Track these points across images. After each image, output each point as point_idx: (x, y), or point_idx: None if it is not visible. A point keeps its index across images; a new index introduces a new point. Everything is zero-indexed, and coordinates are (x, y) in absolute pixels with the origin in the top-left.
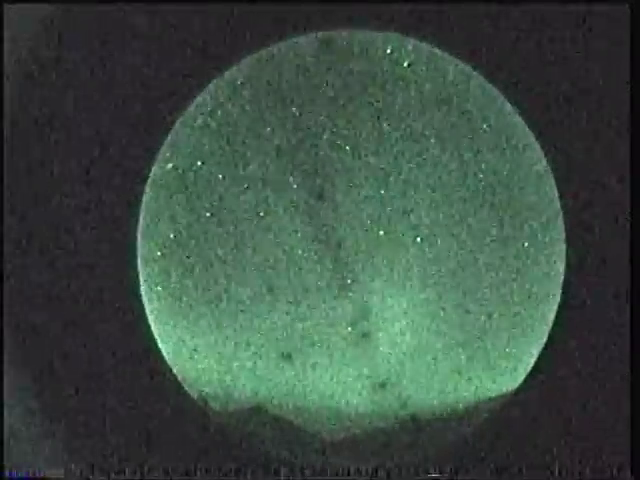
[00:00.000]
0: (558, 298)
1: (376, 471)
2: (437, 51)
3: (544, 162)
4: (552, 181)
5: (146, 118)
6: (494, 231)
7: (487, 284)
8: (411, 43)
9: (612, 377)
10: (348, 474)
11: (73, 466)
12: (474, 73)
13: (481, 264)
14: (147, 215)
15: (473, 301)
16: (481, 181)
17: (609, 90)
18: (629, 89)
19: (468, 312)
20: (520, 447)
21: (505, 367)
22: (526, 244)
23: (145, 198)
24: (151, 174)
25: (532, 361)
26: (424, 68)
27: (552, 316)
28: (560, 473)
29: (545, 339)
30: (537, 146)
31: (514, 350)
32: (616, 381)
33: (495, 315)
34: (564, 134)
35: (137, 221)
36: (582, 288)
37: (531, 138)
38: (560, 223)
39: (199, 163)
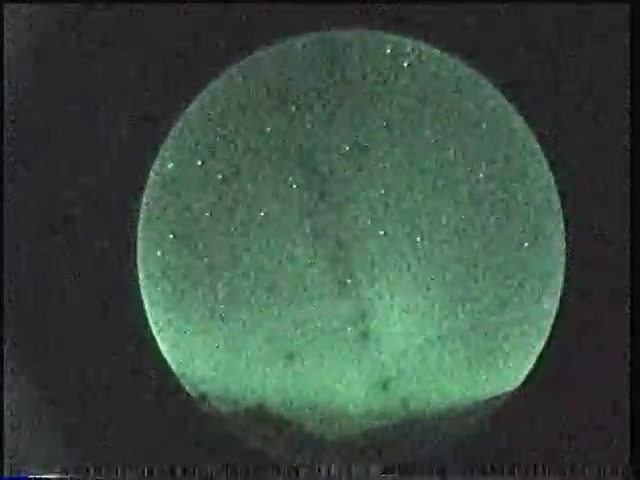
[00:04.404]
0: (559, 298)
1: (376, 471)
2: (437, 51)
3: (544, 162)
4: (552, 180)
5: (146, 118)
6: (494, 231)
7: (487, 284)
8: (411, 43)
9: (612, 376)
10: (348, 474)
11: (73, 466)
12: (474, 73)
13: (481, 264)
14: (147, 215)
15: (473, 301)
16: (481, 181)
17: (609, 89)
18: (629, 88)
19: (468, 312)
20: (520, 446)
21: (505, 366)
22: (526, 244)
23: (145, 198)
24: (151, 174)
25: (533, 361)
26: (424, 68)
27: (553, 316)
28: (560, 472)
29: (546, 339)
30: (537, 146)
31: (515, 349)
32: (616, 380)
33: (495, 315)
34: (564, 133)
35: (138, 221)
36: (583, 288)
37: (531, 137)
38: (560, 222)
39: (199, 163)
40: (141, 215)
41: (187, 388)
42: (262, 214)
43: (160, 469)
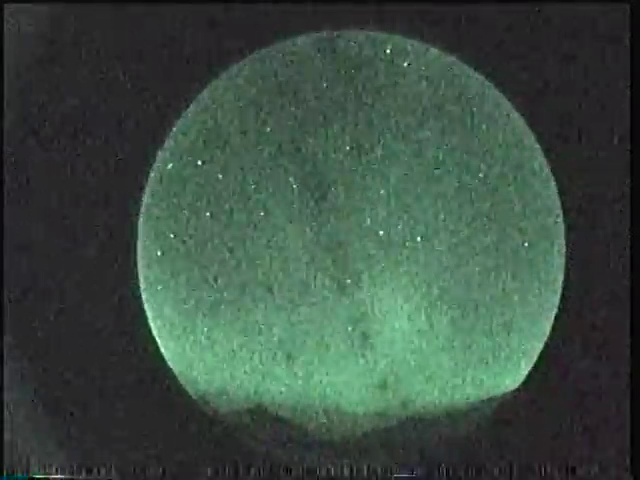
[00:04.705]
0: (559, 297)
1: (376, 471)
2: (437, 51)
3: (544, 162)
4: (552, 181)
5: (146, 118)
6: (494, 231)
7: (487, 284)
8: (411, 43)
9: (612, 376)
10: (349, 474)
11: (72, 466)
12: (474, 73)
13: (481, 264)
14: (147, 215)
15: (473, 301)
16: (481, 181)
17: (609, 89)
18: (629, 89)
19: (468, 312)
20: (520, 446)
21: (506, 366)
22: (526, 244)
23: (145, 198)
24: (151, 174)
25: (533, 360)
26: (424, 68)
27: (553, 316)
28: (560, 472)
29: (546, 338)
30: (537, 146)
31: (515, 349)
32: (616, 380)
33: (495, 314)
34: (564, 133)
35: (137, 221)
36: (583, 288)
37: (531, 138)
38: (561, 222)
39: (199, 163)
40: (141, 215)
41: (187, 389)
42: (262, 214)
43: (159, 470)
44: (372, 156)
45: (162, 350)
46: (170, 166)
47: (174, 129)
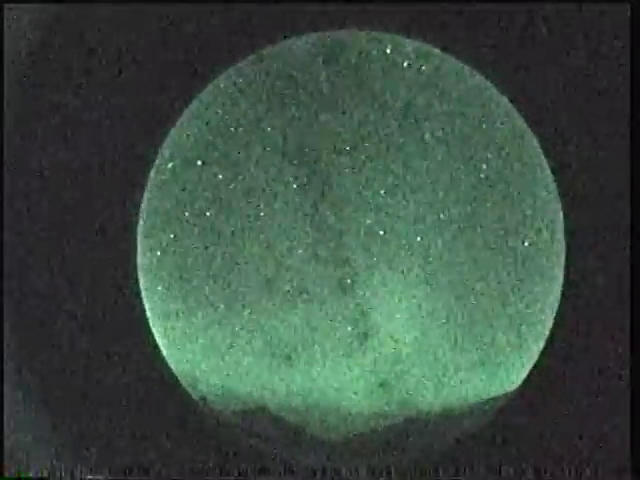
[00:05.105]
0: (559, 296)
1: (376, 471)
2: (437, 51)
3: (544, 162)
4: (552, 180)
5: (146, 118)
6: (494, 230)
7: (488, 283)
8: (411, 43)
9: (613, 376)
10: (349, 474)
11: (71, 466)
12: (474, 73)
13: (482, 263)
14: (147, 215)
15: (474, 300)
16: (482, 181)
17: (609, 90)
18: (629, 88)
19: (469, 312)
20: (521, 446)
21: (506, 366)
22: (526, 243)
23: (145, 198)
24: (151, 174)
25: (533, 360)
26: (424, 68)
27: (553, 315)
28: (560, 472)
29: (546, 338)
30: (537, 145)
31: (515, 349)
32: (617, 380)
33: (496, 314)
34: (565, 133)
35: (137, 221)
36: (583, 288)
37: (532, 138)
38: (560, 221)
39: (199, 163)
40: (141, 215)
41: (187, 389)
42: (262, 214)
43: (159, 470)
44: (372, 156)
45: (162, 350)
46: (170, 166)
47: (174, 129)
